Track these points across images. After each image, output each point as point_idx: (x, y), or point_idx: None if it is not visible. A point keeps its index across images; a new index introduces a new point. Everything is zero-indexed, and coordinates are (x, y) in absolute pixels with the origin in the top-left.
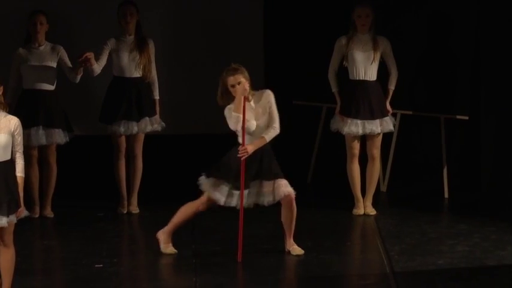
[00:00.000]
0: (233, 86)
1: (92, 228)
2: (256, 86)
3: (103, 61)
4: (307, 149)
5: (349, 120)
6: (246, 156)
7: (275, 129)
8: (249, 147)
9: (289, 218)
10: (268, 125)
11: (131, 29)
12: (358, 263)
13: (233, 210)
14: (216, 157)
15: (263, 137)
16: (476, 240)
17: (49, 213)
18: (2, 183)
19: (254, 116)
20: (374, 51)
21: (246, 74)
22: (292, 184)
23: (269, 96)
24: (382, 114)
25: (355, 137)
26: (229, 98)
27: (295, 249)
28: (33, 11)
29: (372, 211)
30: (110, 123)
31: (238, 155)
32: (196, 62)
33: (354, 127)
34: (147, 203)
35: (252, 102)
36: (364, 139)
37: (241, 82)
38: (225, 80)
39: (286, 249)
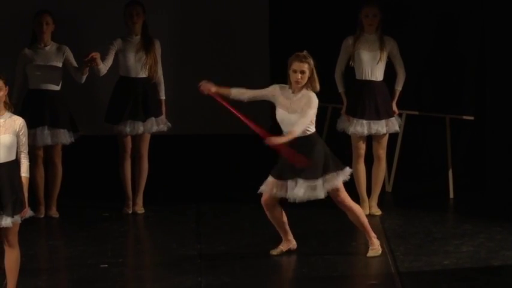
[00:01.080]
0: (295, 71)
1: (97, 228)
2: (262, 86)
3: (109, 61)
4: None
5: (354, 121)
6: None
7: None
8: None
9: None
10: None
11: (138, 29)
12: (363, 263)
13: (237, 210)
14: (222, 157)
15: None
16: (482, 240)
17: (54, 213)
18: (6, 183)
19: (287, 107)
20: (381, 51)
21: (312, 64)
22: None
23: (311, 98)
24: (388, 114)
25: (360, 137)
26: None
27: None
28: (39, 11)
29: (377, 211)
30: (115, 123)
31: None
32: (203, 62)
33: (360, 127)
34: (153, 203)
35: (293, 94)
36: (370, 139)
37: (304, 71)
38: (291, 63)
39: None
